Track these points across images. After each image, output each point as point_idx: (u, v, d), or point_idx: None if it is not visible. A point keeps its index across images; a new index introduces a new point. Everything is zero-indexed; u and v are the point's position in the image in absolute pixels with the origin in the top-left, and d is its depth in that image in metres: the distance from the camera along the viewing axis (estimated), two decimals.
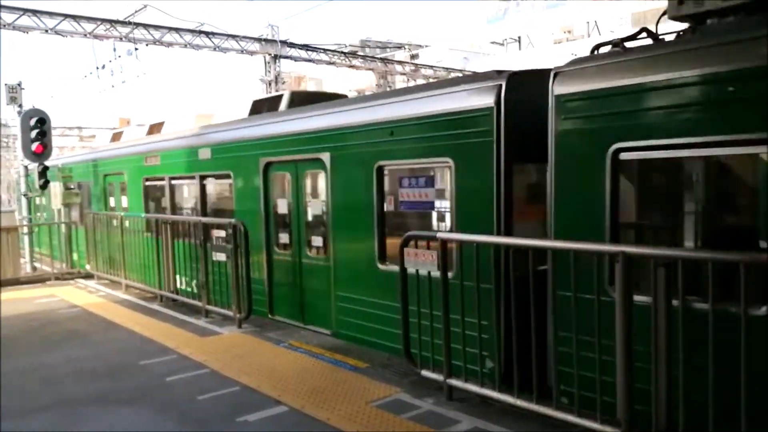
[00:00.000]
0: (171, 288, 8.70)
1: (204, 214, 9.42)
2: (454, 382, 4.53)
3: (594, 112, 4.37)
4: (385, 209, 6.37)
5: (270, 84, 23.05)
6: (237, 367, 5.51)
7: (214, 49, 21.24)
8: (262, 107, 8.99)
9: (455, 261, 5.06)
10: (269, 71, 23.17)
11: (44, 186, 12.49)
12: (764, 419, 3.27)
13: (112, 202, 12.42)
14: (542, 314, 3.97)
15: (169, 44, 20.26)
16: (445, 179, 5.72)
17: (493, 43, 29.82)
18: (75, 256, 12.02)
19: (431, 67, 29.61)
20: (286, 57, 23.48)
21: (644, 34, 4.69)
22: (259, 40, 22.51)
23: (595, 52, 4.66)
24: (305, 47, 23.79)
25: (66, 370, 5.61)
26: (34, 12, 17.78)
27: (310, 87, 42.40)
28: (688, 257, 3.41)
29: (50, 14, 18.15)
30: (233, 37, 21.73)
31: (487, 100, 5.14)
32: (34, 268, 12.70)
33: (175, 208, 10.44)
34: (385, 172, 6.34)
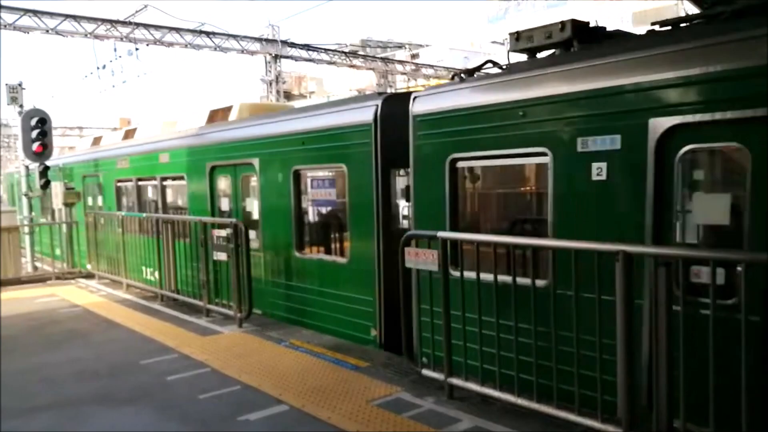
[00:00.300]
0: (170, 286, 8.70)
1: (164, 211, 10.65)
2: (455, 381, 4.53)
3: (438, 130, 5.58)
4: (302, 205, 7.70)
5: (271, 84, 23.06)
6: (238, 366, 5.51)
7: (215, 49, 21.25)
8: (217, 116, 9.98)
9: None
10: (270, 71, 23.18)
11: (45, 186, 12.51)
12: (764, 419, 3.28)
13: (90, 201, 13.62)
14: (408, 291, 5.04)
15: (170, 44, 20.28)
16: (342, 181, 7.00)
17: (493, 42, 29.81)
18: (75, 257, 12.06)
19: (432, 66, 29.61)
20: (287, 57, 23.50)
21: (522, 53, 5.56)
22: (259, 40, 22.52)
23: (455, 79, 5.69)
24: (306, 47, 23.80)
25: (67, 370, 5.62)
26: (35, 12, 17.81)
27: (311, 87, 42.36)
28: (689, 256, 3.42)
29: (51, 14, 18.17)
30: (234, 37, 21.75)
31: (367, 118, 6.39)
32: (35, 268, 12.71)
33: (141, 207, 11.59)
34: (300, 174, 7.59)
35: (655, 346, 3.32)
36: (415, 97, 5.83)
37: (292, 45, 23.29)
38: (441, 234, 4.61)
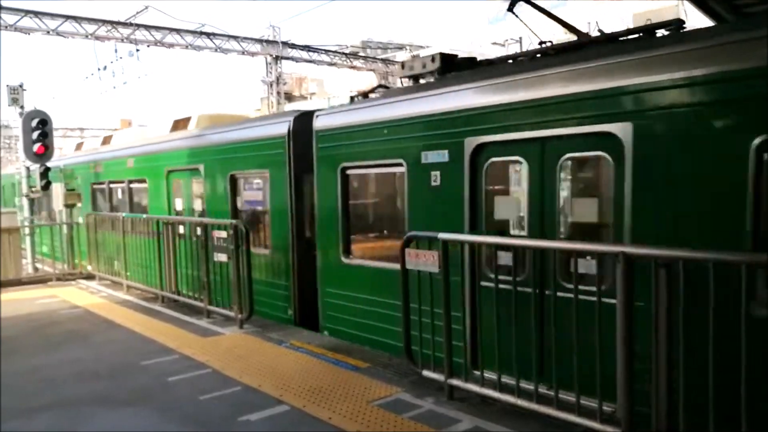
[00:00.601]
0: (170, 287, 8.71)
1: (131, 210, 11.70)
2: (455, 381, 4.54)
3: (332, 143, 6.93)
4: (237, 206, 8.88)
5: (271, 85, 23.08)
6: (238, 367, 5.52)
7: (216, 50, 21.27)
8: (179, 125, 11.09)
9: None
10: (270, 72, 23.20)
11: (46, 187, 12.53)
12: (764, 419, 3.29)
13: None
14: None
15: (171, 45, 20.31)
16: (266, 184, 8.24)
17: (494, 43, 29.81)
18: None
19: None
20: (288, 58, 23.53)
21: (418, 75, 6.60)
22: (260, 41, 22.55)
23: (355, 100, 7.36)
24: (306, 48, 23.83)
25: (67, 371, 5.63)
26: (36, 13, 17.84)
27: (312, 88, 42.36)
28: (689, 258, 3.42)
29: (52, 16, 18.20)
30: (234, 38, 21.77)
31: (282, 131, 7.69)
32: (36, 269, 12.72)
33: (112, 208, 12.78)
34: (236, 178, 8.77)
35: (654, 347, 3.33)
36: (317, 116, 7.21)
37: (293, 46, 23.32)
38: (442, 235, 4.62)
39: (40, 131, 12.20)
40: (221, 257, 7.34)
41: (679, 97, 3.97)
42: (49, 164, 12.64)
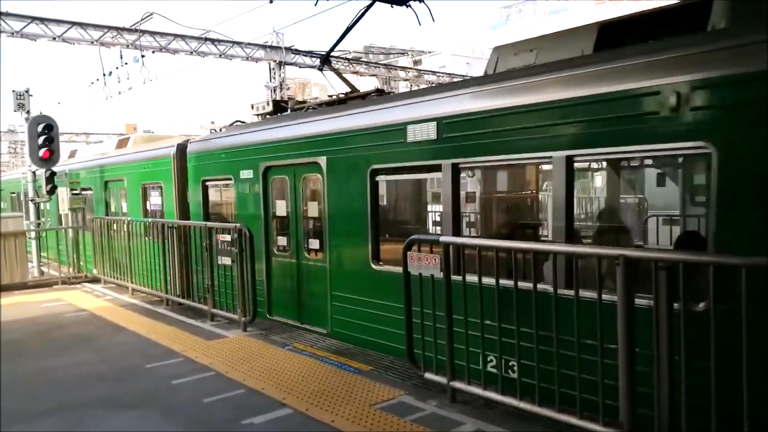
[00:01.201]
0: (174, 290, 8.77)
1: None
2: (458, 384, 4.56)
3: (198, 162, 9.78)
4: (147, 208, 11.51)
5: (275, 90, 23.16)
6: (242, 370, 5.56)
7: (220, 56, 21.36)
8: (122, 143, 14.16)
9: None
10: (274, 77, 23.30)
11: (52, 191, 12.61)
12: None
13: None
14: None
15: (175, 51, 20.40)
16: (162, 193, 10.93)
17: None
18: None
19: (434, 72, 29.69)
20: (291, 63, 23.60)
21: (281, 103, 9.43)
22: (264, 46, 22.64)
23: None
24: (310, 54, 23.91)
25: (73, 374, 5.67)
26: (42, 20, 17.96)
27: (315, 93, 42.47)
28: (689, 260, 3.44)
29: (58, 22, 18.31)
30: (238, 44, 21.87)
31: (170, 152, 10.42)
32: (42, 273, 12.79)
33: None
34: (146, 188, 11.54)
35: (656, 349, 3.35)
36: (190, 142, 10.19)
37: (296, 52, 23.41)
38: (444, 239, 4.65)
39: (46, 136, 12.30)
40: (225, 260, 7.39)
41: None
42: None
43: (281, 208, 8.08)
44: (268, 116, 9.05)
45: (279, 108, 9.07)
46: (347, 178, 6.87)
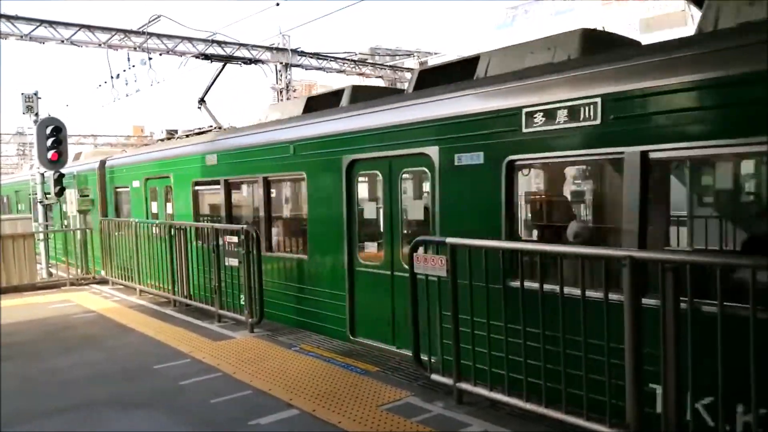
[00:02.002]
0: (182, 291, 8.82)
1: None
2: (464, 385, 4.57)
3: (111, 174, 13.56)
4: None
5: (281, 92, 23.23)
6: (249, 370, 5.58)
7: (226, 58, 21.45)
8: (77, 157, 17.78)
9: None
10: (280, 79, 23.37)
11: (60, 193, 12.72)
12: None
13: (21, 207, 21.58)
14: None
15: (182, 53, 20.51)
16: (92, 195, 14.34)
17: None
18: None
19: None
20: (297, 65, 23.66)
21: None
22: (270, 48, 22.71)
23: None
24: (316, 56, 23.97)
25: (82, 374, 5.71)
26: (51, 23, 18.09)
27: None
28: (696, 262, 3.43)
29: (66, 25, 18.44)
30: (245, 46, 21.96)
31: (95, 166, 13.99)
32: (50, 274, 12.88)
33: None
34: (85, 192, 14.44)
35: (662, 350, 3.35)
36: (108, 159, 13.95)
37: (303, 54, 23.47)
38: (450, 240, 4.66)
39: (54, 138, 12.41)
40: (232, 262, 7.42)
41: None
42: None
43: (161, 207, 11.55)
44: (159, 141, 13.21)
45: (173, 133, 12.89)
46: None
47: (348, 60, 25.04)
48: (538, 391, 4.05)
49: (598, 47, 5.33)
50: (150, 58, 19.07)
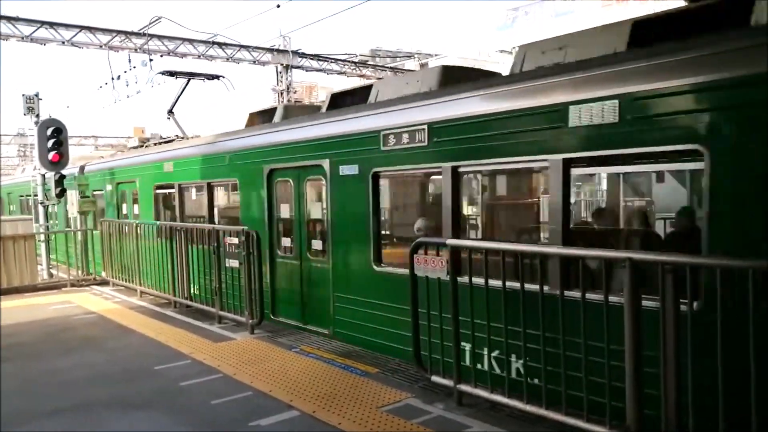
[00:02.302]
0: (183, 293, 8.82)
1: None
2: (464, 387, 4.57)
3: (93, 178, 14.29)
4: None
5: (282, 93, 23.26)
6: (249, 372, 5.58)
7: (227, 59, 21.50)
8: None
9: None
10: (281, 81, 23.40)
11: (61, 194, 12.72)
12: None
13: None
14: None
15: (183, 55, 20.55)
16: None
17: (501, 51, 29.86)
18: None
19: None
20: (298, 67, 23.71)
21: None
22: (271, 50, 22.76)
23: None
24: (316, 57, 24.01)
25: (82, 375, 5.72)
26: (52, 24, 18.14)
27: (321, 96, 42.63)
28: (696, 263, 3.44)
29: (67, 26, 18.50)
30: (246, 47, 22.00)
31: (75, 171, 14.40)
32: (51, 275, 12.89)
33: None
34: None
35: (662, 352, 3.35)
36: (87, 165, 15.16)
37: (303, 55, 23.51)
38: (450, 241, 4.66)
39: (55, 140, 12.40)
40: (233, 263, 7.43)
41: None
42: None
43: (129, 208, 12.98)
44: (131, 149, 14.97)
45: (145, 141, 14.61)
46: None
47: (349, 62, 25.08)
48: (538, 393, 4.05)
49: (453, 80, 6.46)
50: (151, 60, 19.11)
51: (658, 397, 3.38)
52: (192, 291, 8.73)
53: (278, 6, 17.62)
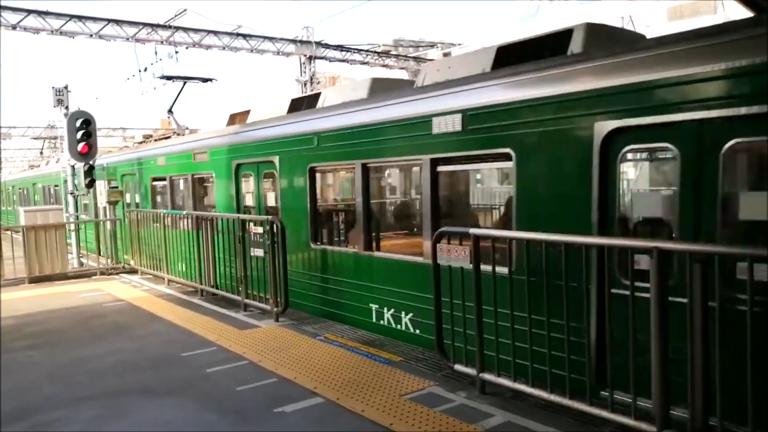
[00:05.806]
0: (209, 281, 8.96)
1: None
2: (487, 376, 4.56)
3: (105, 170, 15.73)
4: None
5: (305, 84, 23.32)
6: (274, 359, 5.66)
7: (252, 51, 21.63)
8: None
9: None
10: (304, 72, 23.47)
11: (90, 185, 12.98)
12: None
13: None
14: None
15: (208, 47, 20.74)
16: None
17: None
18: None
19: None
20: (321, 58, 23.74)
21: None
22: (294, 41, 22.82)
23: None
24: (339, 48, 24.00)
25: (111, 362, 5.85)
26: (80, 17, 18.45)
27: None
28: (725, 253, 3.37)
29: (94, 19, 18.80)
30: (270, 39, 22.09)
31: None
32: (81, 264, 13.20)
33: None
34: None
35: (690, 343, 3.30)
36: (103, 156, 15.11)
37: (326, 46, 23.52)
38: (473, 231, 4.64)
39: (84, 131, 12.64)
40: (258, 252, 7.51)
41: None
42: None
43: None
44: (136, 144, 16.52)
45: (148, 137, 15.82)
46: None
47: (371, 52, 25.01)
48: (562, 382, 4.03)
49: (381, 90, 7.72)
50: (177, 52, 19.33)
51: (685, 390, 3.34)
52: (218, 280, 8.86)
53: None
